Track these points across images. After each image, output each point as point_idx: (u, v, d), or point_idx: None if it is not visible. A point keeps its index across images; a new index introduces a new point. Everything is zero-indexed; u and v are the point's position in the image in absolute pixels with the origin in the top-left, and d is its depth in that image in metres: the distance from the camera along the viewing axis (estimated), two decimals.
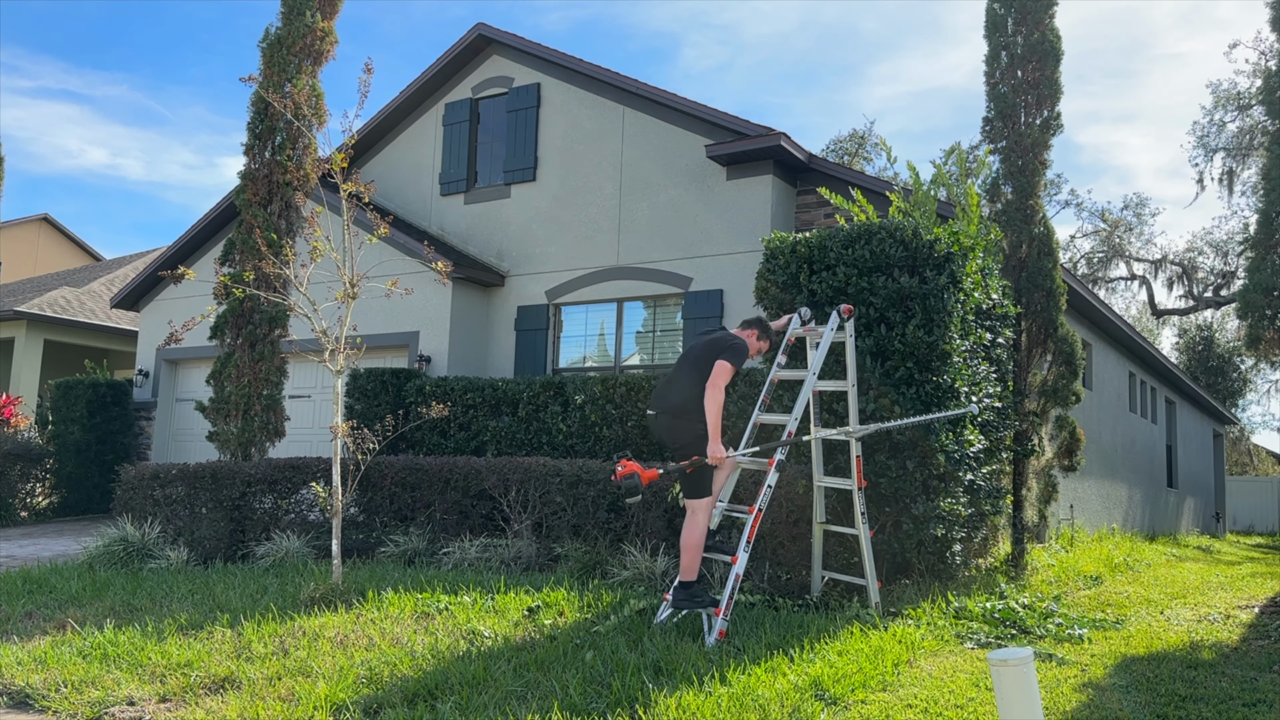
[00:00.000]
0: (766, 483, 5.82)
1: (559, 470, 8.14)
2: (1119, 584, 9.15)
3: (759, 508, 5.70)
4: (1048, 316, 9.07)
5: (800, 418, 6.09)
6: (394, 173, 13.60)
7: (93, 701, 4.46)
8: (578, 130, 12.24)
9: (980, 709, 4.27)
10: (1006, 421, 8.31)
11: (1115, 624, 6.53)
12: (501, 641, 5.26)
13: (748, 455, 6.07)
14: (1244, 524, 29.33)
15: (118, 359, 18.82)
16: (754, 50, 62.26)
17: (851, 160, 32.92)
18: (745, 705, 4.18)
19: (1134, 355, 16.44)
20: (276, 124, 9.82)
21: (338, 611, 5.99)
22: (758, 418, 6.38)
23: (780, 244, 7.49)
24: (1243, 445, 38.59)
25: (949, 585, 7.05)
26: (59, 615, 6.15)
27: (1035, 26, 9.35)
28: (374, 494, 8.89)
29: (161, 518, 8.82)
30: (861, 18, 58.73)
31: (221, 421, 9.47)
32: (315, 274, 7.34)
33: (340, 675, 4.61)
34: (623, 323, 11.73)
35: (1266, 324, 7.72)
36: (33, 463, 13.30)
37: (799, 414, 6.08)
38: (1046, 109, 9.34)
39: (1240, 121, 29.36)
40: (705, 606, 5.50)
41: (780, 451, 5.89)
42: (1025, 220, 9.17)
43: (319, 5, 10.07)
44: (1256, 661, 5.41)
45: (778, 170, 10.80)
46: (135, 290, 14.96)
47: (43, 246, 26.67)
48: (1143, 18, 53.14)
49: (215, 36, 72.03)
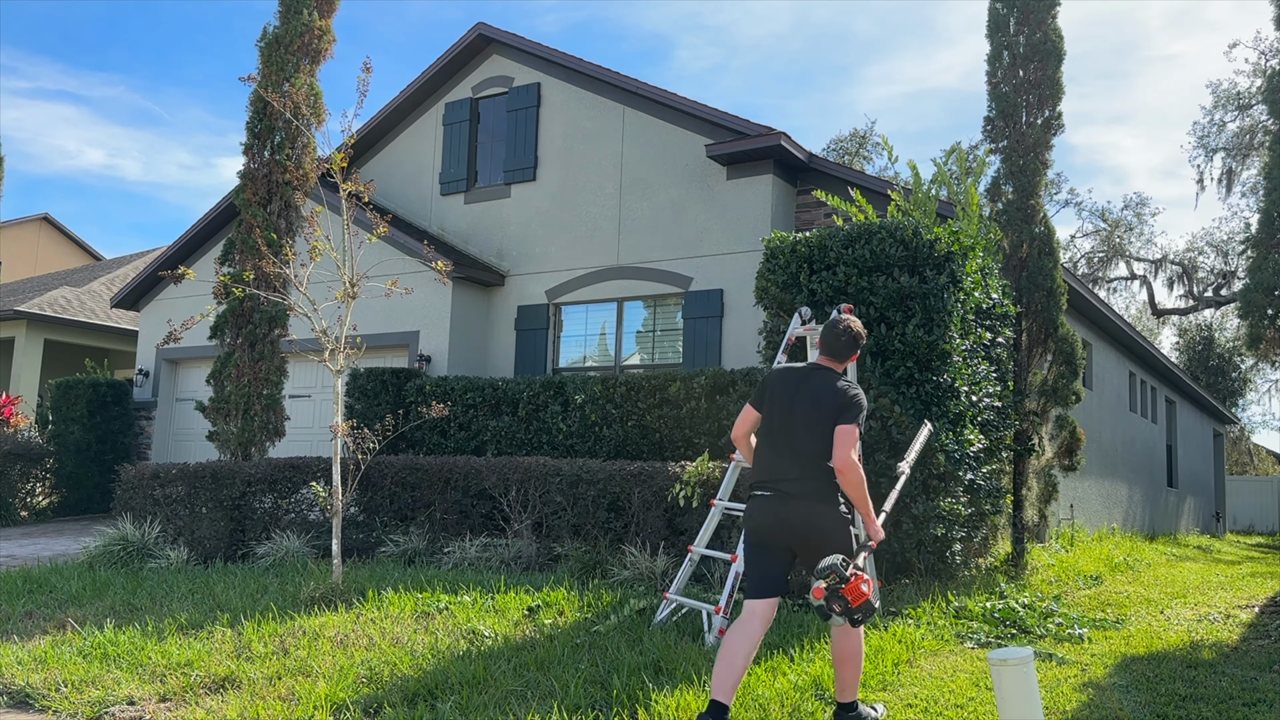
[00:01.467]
0: None
1: (559, 470, 8.14)
2: (1119, 583, 9.15)
3: None
4: (1048, 316, 9.07)
5: None
6: (394, 172, 13.59)
7: (93, 701, 4.46)
8: (578, 130, 12.24)
9: (980, 709, 4.27)
10: (1006, 421, 8.30)
11: (1115, 623, 6.53)
12: (501, 641, 5.26)
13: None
14: (1244, 524, 29.32)
15: (118, 359, 18.82)
16: (747, 52, 62.36)
17: (852, 160, 32.92)
18: (745, 705, 4.18)
19: (1134, 355, 16.44)
20: (275, 123, 9.82)
21: (338, 611, 5.99)
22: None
23: (780, 243, 7.49)
24: (1243, 445, 38.58)
25: (949, 585, 7.05)
26: (59, 615, 6.15)
27: (1038, 26, 9.34)
28: (374, 494, 8.89)
29: (161, 517, 8.82)
30: (854, 19, 58.91)
31: (221, 421, 9.47)
32: (315, 274, 7.34)
33: (340, 675, 4.61)
34: (623, 322, 11.73)
35: (1267, 323, 7.72)
36: (33, 462, 13.30)
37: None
38: (1048, 109, 9.34)
39: (1240, 121, 29.37)
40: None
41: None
42: (1026, 220, 9.17)
43: (316, 4, 10.06)
44: (1256, 661, 5.41)
45: (778, 170, 10.80)
46: (135, 290, 14.96)
47: (43, 246, 26.66)
48: (1134, 19, 53.37)
49: (212, 38, 72.10)
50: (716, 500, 6.07)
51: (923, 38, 57.45)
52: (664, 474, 7.53)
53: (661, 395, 9.34)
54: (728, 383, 9.00)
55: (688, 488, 7.15)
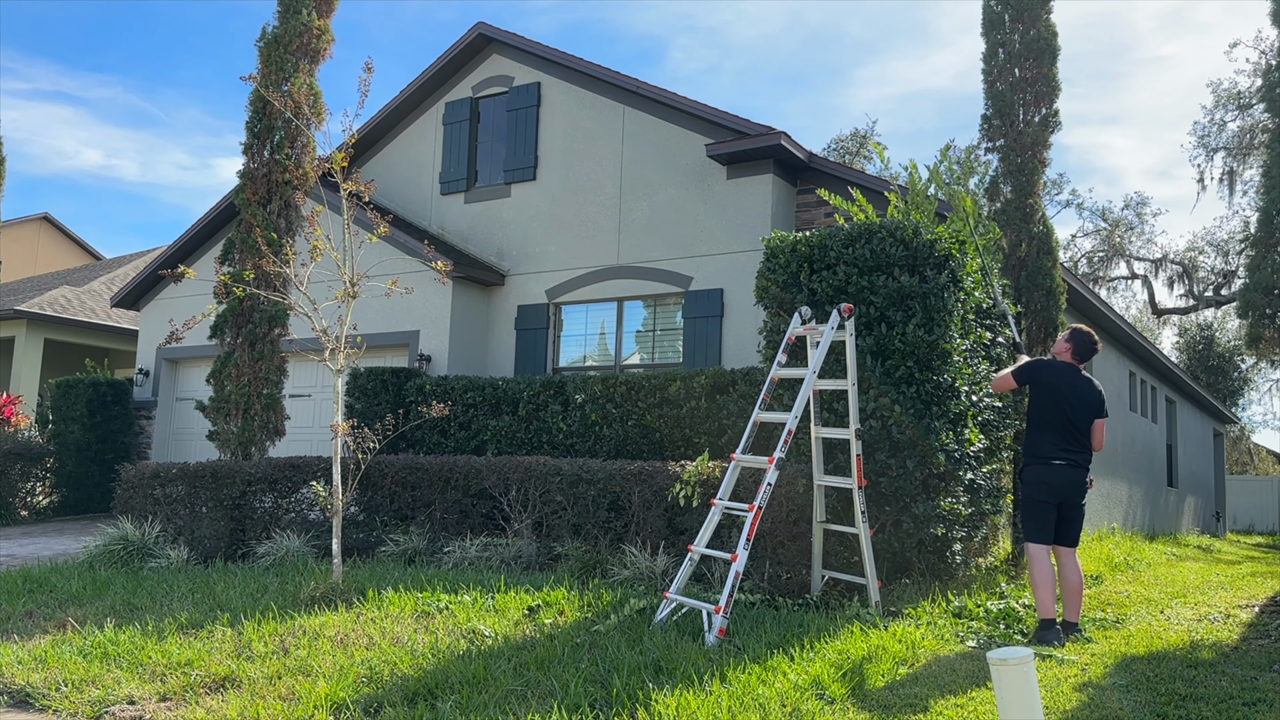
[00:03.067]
0: (766, 480, 5.81)
1: (559, 469, 8.14)
2: (1119, 583, 9.14)
3: (759, 505, 5.70)
4: (1048, 315, 9.06)
5: (800, 416, 6.09)
6: (394, 172, 13.59)
7: (93, 700, 4.46)
8: (578, 129, 12.24)
9: (980, 709, 4.27)
10: (1006, 421, 8.31)
11: (1115, 623, 6.53)
12: (502, 641, 5.26)
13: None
14: (1244, 523, 29.32)
15: (118, 358, 18.82)
16: (741, 53, 62.52)
17: (853, 160, 32.91)
18: (745, 705, 4.18)
19: (1134, 354, 16.43)
20: (275, 123, 9.81)
21: (338, 610, 5.99)
22: (758, 416, 6.38)
23: (781, 243, 7.49)
24: (1243, 444, 38.57)
25: (949, 584, 7.05)
26: (59, 614, 6.16)
27: (1032, 23, 9.32)
28: (374, 493, 8.89)
29: (162, 517, 8.83)
30: (847, 21, 59.10)
31: (221, 420, 9.47)
32: (315, 273, 7.34)
33: (340, 674, 4.61)
34: (623, 322, 11.73)
35: (1267, 323, 7.72)
36: (33, 462, 13.30)
37: (798, 412, 6.07)
38: (1045, 106, 9.31)
39: (1241, 121, 29.37)
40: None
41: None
42: (1025, 219, 9.16)
43: (315, 3, 10.04)
44: (1256, 661, 5.40)
45: (778, 169, 10.80)
46: (135, 289, 14.96)
47: (43, 246, 26.67)
48: (1124, 21, 53.58)
49: (207, 40, 72.22)
50: (717, 500, 6.07)
51: (915, 39, 57.77)
52: (664, 473, 7.54)
53: (662, 395, 9.34)
54: (728, 382, 9.00)
55: (688, 487, 7.15)
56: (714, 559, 6.83)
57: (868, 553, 6.29)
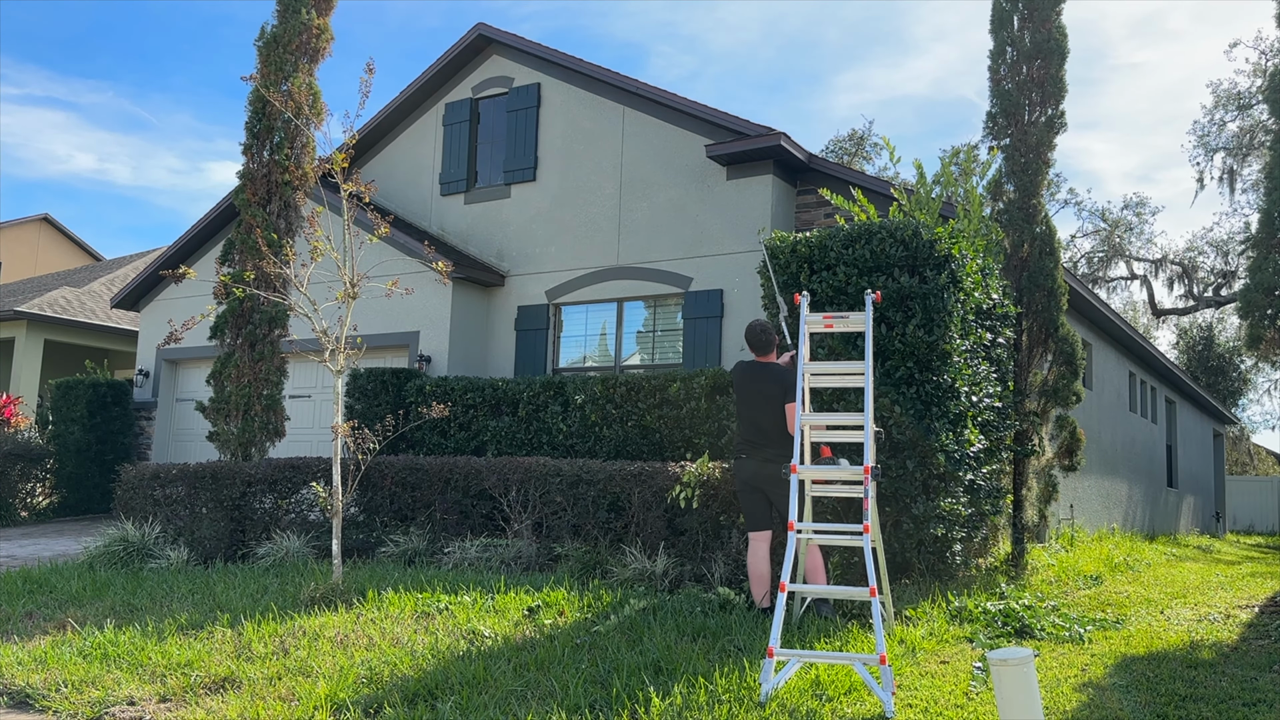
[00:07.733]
0: (867, 493, 5.17)
1: (559, 470, 8.13)
2: (1119, 583, 9.14)
3: (868, 523, 5.05)
4: (1049, 316, 9.05)
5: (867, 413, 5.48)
6: (394, 173, 13.59)
7: (93, 701, 4.46)
8: (577, 130, 12.24)
9: (980, 709, 4.27)
10: (1007, 421, 8.30)
11: (1115, 624, 6.53)
12: (501, 641, 5.26)
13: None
14: (1244, 524, 29.32)
15: (118, 359, 18.82)
16: (721, 60, 63.02)
17: (851, 160, 32.92)
18: (745, 705, 4.18)
19: (1134, 355, 16.43)
20: (274, 123, 9.81)
21: (338, 611, 5.99)
22: (806, 420, 6.07)
23: (781, 244, 7.49)
24: (1243, 445, 38.55)
25: (949, 585, 7.05)
26: (59, 615, 6.15)
27: (1042, 23, 9.29)
28: (374, 494, 8.89)
29: (162, 518, 8.82)
30: (824, 29, 59.74)
31: (221, 421, 9.47)
32: (315, 274, 7.34)
33: (340, 675, 4.61)
34: (623, 323, 11.73)
35: (1267, 323, 7.72)
36: (33, 463, 13.30)
37: (870, 413, 5.47)
38: (1051, 107, 9.28)
39: (1241, 121, 29.37)
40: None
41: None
42: (1027, 219, 9.15)
43: (314, 2, 10.05)
44: (1256, 661, 5.41)
45: (778, 170, 10.80)
46: (135, 290, 14.95)
47: (43, 246, 26.67)
48: (1097, 28, 54.07)
49: (197, 45, 72.48)
50: (795, 523, 5.17)
51: (892, 47, 58.61)
52: (664, 474, 7.53)
53: (662, 395, 9.34)
54: (728, 383, 9.00)
55: (688, 489, 7.15)
56: (713, 559, 6.84)
57: (881, 565, 5.63)
